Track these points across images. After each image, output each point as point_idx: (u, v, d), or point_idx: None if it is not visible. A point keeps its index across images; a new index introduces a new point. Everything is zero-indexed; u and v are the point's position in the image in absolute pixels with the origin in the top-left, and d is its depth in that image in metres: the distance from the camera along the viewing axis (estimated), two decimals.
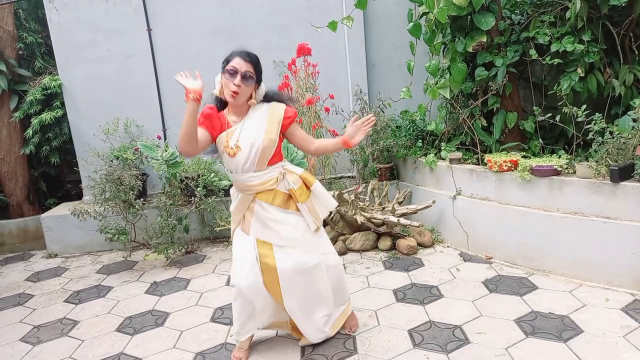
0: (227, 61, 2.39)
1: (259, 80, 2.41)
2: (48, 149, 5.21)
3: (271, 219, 2.40)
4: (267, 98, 2.48)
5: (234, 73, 2.31)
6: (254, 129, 2.36)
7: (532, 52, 3.76)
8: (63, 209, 4.84)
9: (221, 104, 2.50)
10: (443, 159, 4.19)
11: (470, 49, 3.85)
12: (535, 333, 2.58)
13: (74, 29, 4.72)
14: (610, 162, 3.06)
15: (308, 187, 2.47)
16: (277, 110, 2.42)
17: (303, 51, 4.44)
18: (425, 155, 4.38)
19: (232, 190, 2.53)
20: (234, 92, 2.30)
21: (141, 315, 3.22)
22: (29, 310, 3.48)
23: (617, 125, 3.33)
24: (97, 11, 4.73)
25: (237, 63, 2.33)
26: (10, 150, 5.18)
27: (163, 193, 4.60)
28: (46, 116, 4.91)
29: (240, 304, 2.46)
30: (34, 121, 4.91)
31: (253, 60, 2.36)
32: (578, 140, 3.64)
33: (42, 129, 5.04)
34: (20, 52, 5.24)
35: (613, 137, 3.14)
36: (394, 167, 4.92)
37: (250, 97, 2.41)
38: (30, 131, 4.97)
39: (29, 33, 5.26)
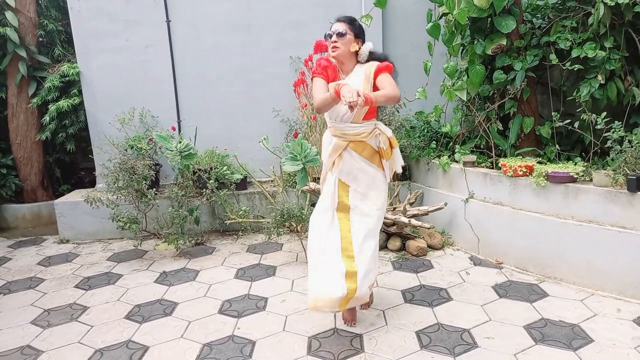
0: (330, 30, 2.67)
1: (358, 37, 2.64)
2: (64, 136, 5.27)
3: (357, 167, 2.66)
4: (373, 57, 2.68)
5: (330, 35, 2.61)
6: (355, 84, 2.56)
7: (552, 57, 3.71)
8: (76, 196, 4.90)
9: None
10: (457, 162, 4.16)
11: (489, 52, 3.82)
12: (544, 340, 2.55)
13: (94, 18, 4.76)
14: (628, 172, 3.02)
15: (392, 148, 2.75)
16: (370, 67, 2.63)
17: (320, 48, 4.43)
18: (439, 157, 4.35)
19: (325, 137, 2.80)
20: (333, 47, 2.60)
21: (150, 304, 3.25)
22: (40, 294, 3.52)
23: (636, 134, 3.28)
24: (117, 1, 4.76)
25: (333, 27, 2.63)
26: (27, 135, 5.24)
27: (175, 184, 4.63)
28: (63, 103, 4.96)
29: (319, 245, 2.63)
30: (52, 108, 4.96)
31: (346, 19, 2.64)
32: (595, 148, 3.59)
33: (59, 115, 5.09)
34: (41, 39, 5.30)
35: (632, 146, 3.10)
36: (406, 167, 4.90)
37: (356, 56, 2.66)
38: (47, 117, 5.02)
39: (49, 20, 5.31)
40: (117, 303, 3.29)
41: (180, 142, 4.29)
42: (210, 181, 4.40)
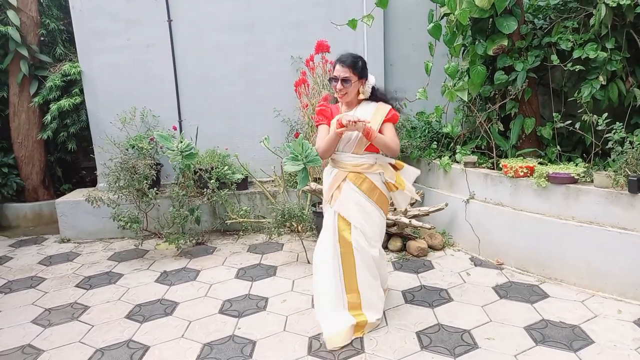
0: (332, 69, 2.76)
1: (361, 77, 2.71)
2: (65, 135, 5.28)
3: (354, 201, 2.69)
4: (376, 94, 2.79)
5: (335, 79, 2.68)
6: (362, 114, 2.68)
7: (554, 57, 3.71)
8: (77, 195, 4.90)
9: (337, 100, 2.87)
10: (458, 162, 4.16)
11: (490, 52, 3.81)
12: (545, 341, 2.55)
13: (95, 17, 4.76)
14: (629, 173, 3.01)
15: (397, 174, 2.79)
16: (383, 109, 2.74)
17: (321, 48, 4.44)
18: (440, 157, 4.35)
19: (326, 169, 2.87)
20: (340, 95, 2.72)
21: (151, 304, 3.25)
22: (41, 293, 3.53)
23: (637, 135, 3.28)
24: (119, 0, 4.76)
25: (337, 70, 2.68)
26: (28, 134, 5.25)
27: (176, 183, 4.64)
28: (65, 102, 4.97)
29: (323, 278, 2.71)
30: (53, 107, 4.97)
31: (349, 63, 2.66)
32: (596, 149, 3.59)
33: (60, 115, 5.10)
34: (42, 38, 5.31)
35: (633, 147, 3.10)
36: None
37: (359, 93, 2.74)
38: (48, 117, 5.03)
39: (51, 19, 5.32)
40: (118, 302, 3.30)
41: (181, 142, 4.29)
42: (211, 181, 4.40)
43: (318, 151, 2.75)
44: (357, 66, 2.67)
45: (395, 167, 2.81)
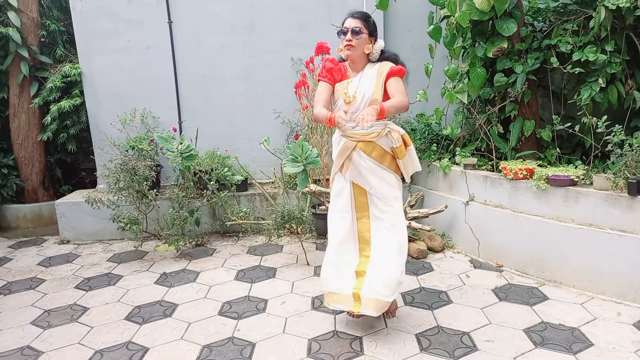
0: (342, 24, 2.63)
1: (372, 34, 2.62)
2: (65, 136, 5.28)
3: (365, 168, 2.62)
4: (384, 57, 2.69)
5: (345, 32, 2.57)
6: (365, 83, 2.61)
7: (554, 60, 3.72)
8: (77, 196, 4.90)
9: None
10: (457, 164, 4.16)
11: (490, 55, 3.82)
12: (544, 344, 2.55)
13: (96, 18, 4.77)
14: (629, 175, 3.02)
15: (406, 146, 2.68)
16: (385, 67, 2.64)
17: (322, 50, 4.44)
18: (440, 159, 4.35)
19: (335, 136, 2.75)
20: (348, 46, 2.57)
21: (150, 305, 3.25)
22: (40, 294, 3.53)
23: (636, 137, 3.29)
24: (119, 1, 4.77)
25: (347, 22, 2.58)
26: (28, 135, 5.25)
27: (176, 185, 4.64)
28: (65, 104, 4.98)
29: (336, 240, 2.69)
30: (53, 108, 4.98)
31: (361, 16, 2.59)
32: (596, 152, 3.59)
33: (60, 116, 5.10)
34: (43, 39, 5.31)
35: (632, 150, 3.10)
36: None
37: (367, 55, 2.65)
38: (48, 118, 5.04)
39: (51, 20, 5.33)
40: (118, 304, 3.30)
41: (181, 143, 4.30)
42: (211, 182, 4.41)
43: (313, 111, 2.64)
44: (369, 21, 2.60)
45: (405, 142, 2.69)
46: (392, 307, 2.89)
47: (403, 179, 2.78)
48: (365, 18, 2.59)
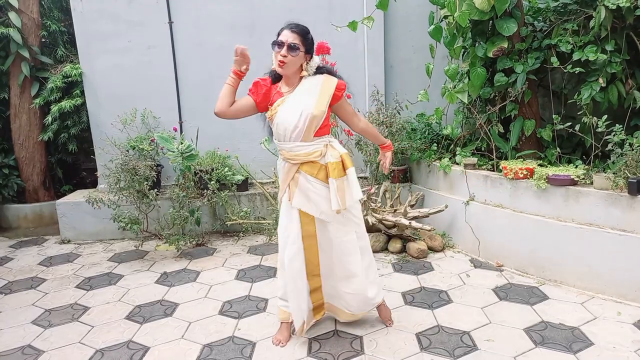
0: (277, 35, 2.44)
1: (308, 52, 2.45)
2: (66, 137, 5.28)
3: (313, 191, 2.47)
4: (320, 71, 2.53)
5: (280, 44, 2.38)
6: (305, 98, 2.43)
7: (554, 59, 3.72)
8: (78, 196, 4.91)
9: (277, 77, 2.59)
10: (457, 164, 4.16)
11: (490, 54, 3.82)
12: (544, 343, 2.56)
13: (96, 19, 4.78)
14: (629, 175, 3.02)
15: (344, 169, 2.50)
16: (330, 82, 2.47)
17: (322, 50, 4.43)
18: (440, 159, 4.36)
19: (278, 161, 2.63)
20: (280, 62, 2.38)
21: (150, 305, 3.25)
22: (41, 294, 3.53)
23: (637, 137, 3.29)
24: (120, 2, 4.78)
25: (284, 35, 2.39)
26: (29, 135, 5.26)
27: (177, 185, 4.64)
28: (66, 104, 4.98)
29: (286, 274, 2.58)
30: (54, 108, 4.98)
31: (300, 31, 2.40)
32: (596, 151, 3.59)
33: (61, 116, 5.11)
34: (43, 40, 5.31)
35: (632, 149, 3.10)
36: (407, 169, 4.91)
37: (302, 69, 2.48)
38: (49, 118, 5.04)
39: (52, 21, 5.33)
40: (118, 303, 3.30)
41: (181, 143, 4.31)
42: (212, 182, 4.41)
43: (215, 108, 2.49)
44: (307, 37, 2.40)
45: (343, 163, 2.50)
46: (387, 314, 2.85)
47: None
48: (304, 34, 2.39)
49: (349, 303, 2.68)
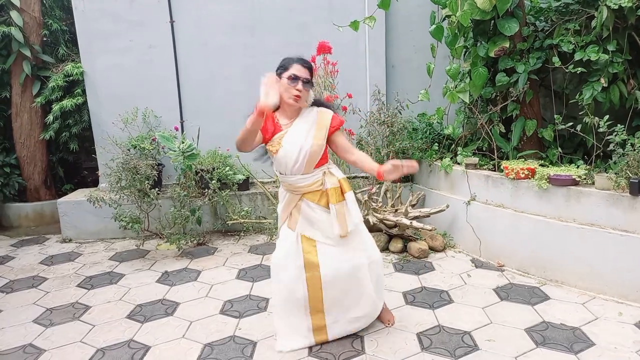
0: (284, 67, 2.47)
1: (312, 84, 2.53)
2: (67, 135, 5.29)
3: (317, 218, 2.51)
4: (316, 103, 2.60)
5: (295, 79, 2.42)
6: (303, 133, 2.46)
7: (555, 59, 3.71)
8: (79, 195, 4.92)
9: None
10: (459, 164, 4.16)
11: (492, 54, 3.82)
12: (545, 343, 2.55)
13: (98, 18, 4.78)
14: (631, 175, 3.01)
15: (343, 192, 2.53)
16: (325, 116, 2.52)
17: (323, 49, 4.43)
18: (441, 159, 4.35)
19: (280, 190, 2.65)
20: (297, 97, 2.43)
21: (152, 304, 3.26)
22: (43, 292, 3.54)
23: (638, 137, 3.28)
24: (121, 1, 4.78)
25: (298, 70, 2.43)
26: (30, 134, 5.26)
27: (178, 184, 4.64)
28: (67, 103, 4.98)
29: (284, 299, 2.57)
30: (55, 107, 4.98)
31: (309, 66, 2.48)
32: (598, 151, 3.59)
33: (62, 115, 5.11)
34: (45, 39, 5.32)
35: (634, 150, 3.10)
36: None
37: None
38: (50, 117, 5.05)
39: (54, 20, 5.34)
40: (119, 302, 3.30)
41: (183, 142, 4.31)
42: (213, 181, 4.41)
43: (236, 143, 2.39)
44: (312, 71, 2.49)
45: (341, 187, 2.53)
46: (388, 316, 2.84)
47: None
48: (311, 69, 2.48)
49: (357, 322, 2.66)
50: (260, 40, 4.99)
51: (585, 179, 3.29)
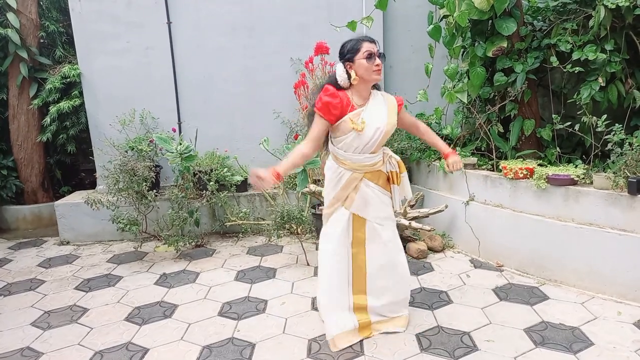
0: (354, 50, 2.48)
1: None
2: (65, 137, 5.27)
3: (373, 197, 2.61)
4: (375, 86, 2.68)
5: (371, 55, 2.46)
6: (377, 114, 2.54)
7: (553, 59, 3.71)
8: (76, 197, 4.90)
9: (339, 88, 2.57)
10: None
11: (490, 54, 3.82)
12: (544, 343, 2.55)
13: (95, 19, 4.77)
14: (629, 174, 3.01)
15: (400, 172, 2.71)
16: (391, 98, 2.66)
17: (321, 50, 4.44)
18: (440, 159, 4.35)
19: (332, 175, 2.63)
20: (379, 70, 2.48)
21: (150, 306, 3.25)
22: (40, 295, 3.52)
23: (636, 136, 3.28)
24: (118, 3, 4.77)
25: (369, 47, 2.48)
26: (27, 136, 5.25)
27: (175, 185, 4.63)
28: (64, 105, 4.97)
29: (329, 275, 2.64)
30: (52, 109, 4.97)
31: (375, 40, 2.55)
32: (596, 151, 3.59)
33: (59, 117, 5.10)
34: (42, 40, 5.31)
35: (632, 149, 3.10)
36: (407, 169, 4.90)
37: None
38: (48, 119, 5.03)
39: (50, 22, 5.32)
40: (117, 305, 3.29)
41: (180, 144, 4.30)
42: (211, 183, 4.40)
43: (302, 148, 2.49)
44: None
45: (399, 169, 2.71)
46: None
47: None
48: (376, 42, 2.55)
49: (395, 296, 2.73)
50: (260, 40, 4.98)
51: (583, 178, 3.29)
